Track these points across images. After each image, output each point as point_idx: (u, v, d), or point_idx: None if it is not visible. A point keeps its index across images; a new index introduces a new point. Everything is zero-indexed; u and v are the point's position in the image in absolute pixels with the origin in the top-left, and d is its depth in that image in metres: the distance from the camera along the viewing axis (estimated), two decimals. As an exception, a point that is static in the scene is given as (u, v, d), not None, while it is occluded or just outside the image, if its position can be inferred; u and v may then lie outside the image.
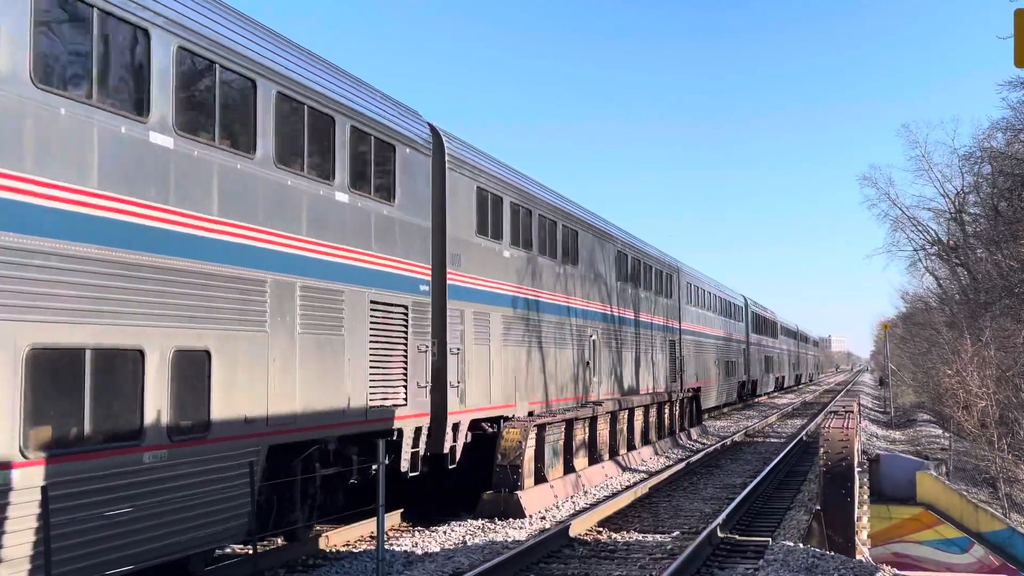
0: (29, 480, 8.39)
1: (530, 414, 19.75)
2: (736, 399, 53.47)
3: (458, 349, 16.68)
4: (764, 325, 69.03)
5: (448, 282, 16.44)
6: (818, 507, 17.18)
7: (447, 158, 16.69)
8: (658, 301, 33.64)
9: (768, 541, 14.43)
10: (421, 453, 15.51)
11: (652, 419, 28.71)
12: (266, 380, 11.47)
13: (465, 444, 17.16)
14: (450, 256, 16.55)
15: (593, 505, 18.18)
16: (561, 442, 20.10)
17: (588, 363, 24.34)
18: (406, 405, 14.84)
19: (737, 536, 15.20)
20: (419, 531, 15.59)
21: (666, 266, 35.80)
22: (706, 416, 40.98)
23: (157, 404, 9.78)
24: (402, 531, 15.76)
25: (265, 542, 13.37)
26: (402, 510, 16.76)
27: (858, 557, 15.70)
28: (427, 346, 15.50)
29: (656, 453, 27.88)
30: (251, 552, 11.70)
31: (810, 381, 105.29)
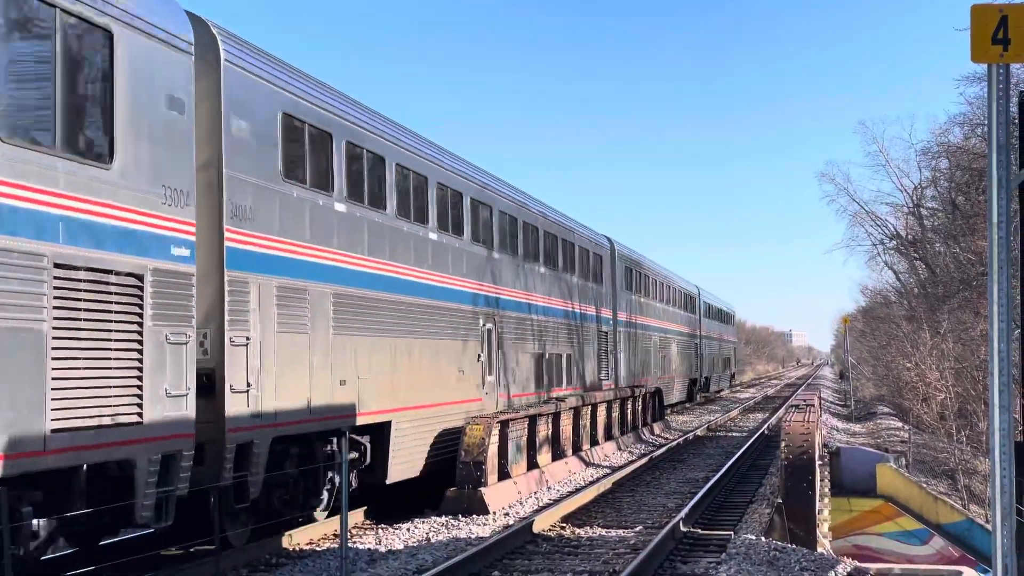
0: None
1: (387, 424, 15.78)
2: (686, 397, 50.29)
3: (247, 339, 12.12)
4: (721, 317, 68.36)
5: (228, 244, 11.89)
6: (780, 500, 17.34)
7: (226, 66, 12.03)
8: (582, 286, 28.91)
9: (730, 535, 14.52)
10: (179, 490, 10.68)
11: (615, 415, 28.80)
12: None
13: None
14: (231, 207, 11.99)
15: (556, 501, 18.20)
16: (524, 438, 20.09)
17: (479, 357, 20.17)
18: (140, 423, 10.03)
19: (700, 530, 15.27)
20: (383, 528, 15.54)
21: (593, 244, 30.40)
22: (668, 412, 41.13)
23: None
24: (365, 529, 15.70)
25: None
26: (365, 508, 16.70)
27: (819, 550, 15.87)
28: (188, 335, 10.72)
29: (619, 448, 27.97)
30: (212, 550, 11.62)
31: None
